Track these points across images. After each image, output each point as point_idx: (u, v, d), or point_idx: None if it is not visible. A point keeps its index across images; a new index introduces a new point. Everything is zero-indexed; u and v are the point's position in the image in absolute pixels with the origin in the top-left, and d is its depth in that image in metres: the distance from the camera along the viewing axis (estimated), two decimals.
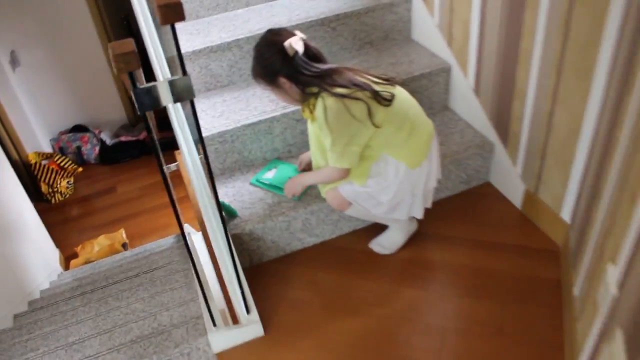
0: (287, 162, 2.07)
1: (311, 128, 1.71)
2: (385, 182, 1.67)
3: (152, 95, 1.10)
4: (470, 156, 2.04)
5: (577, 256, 1.55)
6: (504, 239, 1.90)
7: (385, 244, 1.91)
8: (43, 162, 4.17)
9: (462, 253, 1.86)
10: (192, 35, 2.25)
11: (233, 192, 1.97)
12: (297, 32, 1.58)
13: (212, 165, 2.02)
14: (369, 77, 1.62)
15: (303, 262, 1.91)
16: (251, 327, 1.65)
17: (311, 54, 1.58)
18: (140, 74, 1.19)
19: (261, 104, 2.09)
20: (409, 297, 1.73)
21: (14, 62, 4.21)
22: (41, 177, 4.12)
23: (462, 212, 2.02)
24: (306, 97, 1.60)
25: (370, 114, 1.56)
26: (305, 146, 2.11)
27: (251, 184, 1.99)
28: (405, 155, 1.64)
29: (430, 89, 2.21)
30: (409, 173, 1.66)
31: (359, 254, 1.91)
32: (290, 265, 1.91)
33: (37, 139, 4.38)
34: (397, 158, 1.64)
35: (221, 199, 1.93)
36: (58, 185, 4.19)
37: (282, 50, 1.54)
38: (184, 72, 1.11)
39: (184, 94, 1.12)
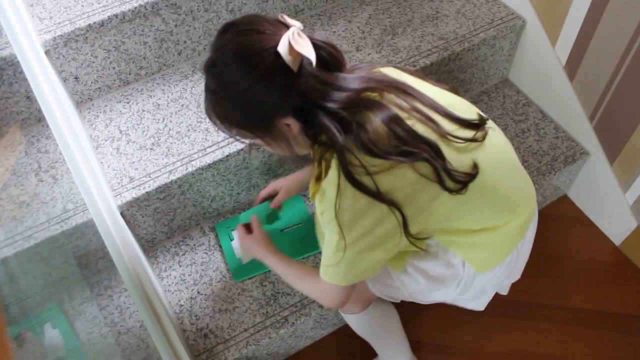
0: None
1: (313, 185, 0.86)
2: (437, 278, 0.93)
3: None
4: (554, 173, 1.32)
5: None
6: (601, 302, 1.28)
7: None
8: None
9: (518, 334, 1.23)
10: None
11: (193, 276, 1.17)
12: (286, 17, 0.72)
13: (151, 229, 1.18)
14: (437, 107, 0.78)
15: None
16: None
17: (327, 58, 0.73)
18: None
19: None
20: None
21: None
22: None
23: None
24: (319, 146, 0.78)
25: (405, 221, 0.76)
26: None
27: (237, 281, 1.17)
28: (479, 256, 0.89)
29: (489, 58, 1.39)
30: (479, 276, 0.92)
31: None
32: None
33: None
34: (464, 256, 0.89)
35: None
36: None
37: (276, 64, 0.69)
38: None
39: None
